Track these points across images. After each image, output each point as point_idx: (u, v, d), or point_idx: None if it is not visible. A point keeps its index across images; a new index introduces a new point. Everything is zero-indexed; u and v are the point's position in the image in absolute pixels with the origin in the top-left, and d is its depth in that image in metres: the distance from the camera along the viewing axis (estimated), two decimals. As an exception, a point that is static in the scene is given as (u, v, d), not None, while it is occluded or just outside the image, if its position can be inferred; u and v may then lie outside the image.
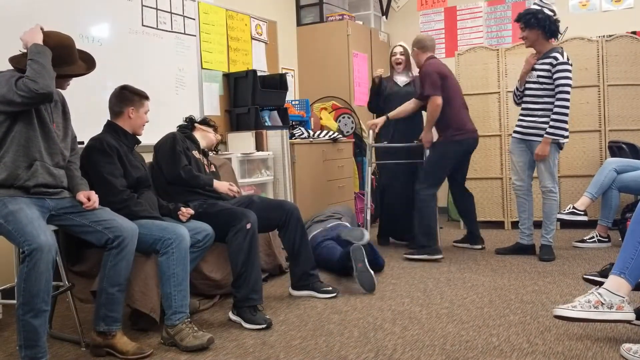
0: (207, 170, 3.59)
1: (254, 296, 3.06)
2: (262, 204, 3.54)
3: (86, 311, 3.14)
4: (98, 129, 3.11)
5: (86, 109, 3.68)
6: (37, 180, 2.53)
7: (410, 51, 4.86)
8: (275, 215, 3.49)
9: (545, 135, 4.15)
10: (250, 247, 3.09)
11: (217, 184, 3.46)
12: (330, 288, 3.54)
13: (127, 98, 3.10)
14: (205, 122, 3.79)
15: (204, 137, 3.71)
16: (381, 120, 4.78)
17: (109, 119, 3.13)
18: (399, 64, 4.96)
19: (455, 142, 4.46)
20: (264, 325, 2.96)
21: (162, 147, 3.44)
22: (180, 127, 3.67)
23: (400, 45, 4.99)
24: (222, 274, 3.50)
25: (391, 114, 4.76)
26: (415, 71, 4.92)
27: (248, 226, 3.11)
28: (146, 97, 3.18)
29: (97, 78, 3.98)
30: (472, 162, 5.83)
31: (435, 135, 4.58)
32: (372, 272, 3.56)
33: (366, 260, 3.58)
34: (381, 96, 5.00)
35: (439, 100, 4.34)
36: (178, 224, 3.01)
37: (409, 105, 4.75)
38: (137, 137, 3.16)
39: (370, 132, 4.85)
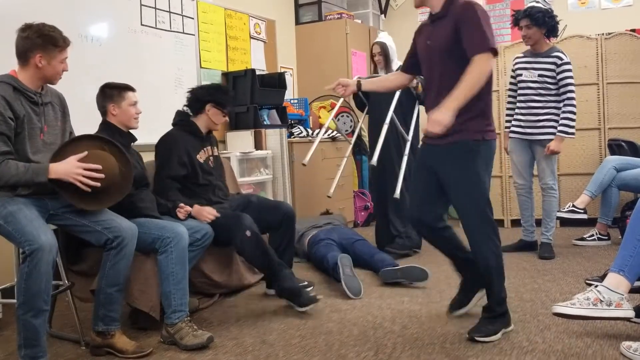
0: (212, 165, 3.50)
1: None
2: (259, 206, 3.56)
3: (86, 310, 3.14)
4: (93, 126, 3.08)
5: (84, 109, 3.66)
6: (34, 188, 2.52)
7: (388, 47, 4.64)
8: (272, 217, 3.53)
9: (557, 133, 4.16)
10: (261, 248, 3.18)
11: (195, 211, 3.25)
12: (306, 282, 3.59)
13: (106, 95, 3.06)
14: (221, 103, 3.45)
15: (214, 120, 3.47)
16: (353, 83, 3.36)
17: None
18: (379, 62, 4.74)
19: (493, 142, 2.76)
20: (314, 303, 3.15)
21: (158, 155, 3.39)
22: (180, 120, 3.48)
23: (377, 44, 4.70)
24: (222, 274, 3.50)
25: (365, 85, 3.31)
26: (397, 65, 4.60)
27: (248, 234, 3.14)
28: (126, 89, 3.08)
29: (96, 77, 3.99)
30: (471, 160, 5.86)
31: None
32: (358, 278, 3.57)
33: (352, 267, 3.64)
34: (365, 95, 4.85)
35: (492, 61, 2.57)
36: (176, 222, 3.00)
37: (390, 79, 3.31)
38: (133, 134, 3.12)
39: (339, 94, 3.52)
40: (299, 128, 5.57)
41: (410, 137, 4.39)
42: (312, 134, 5.59)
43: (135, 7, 4.41)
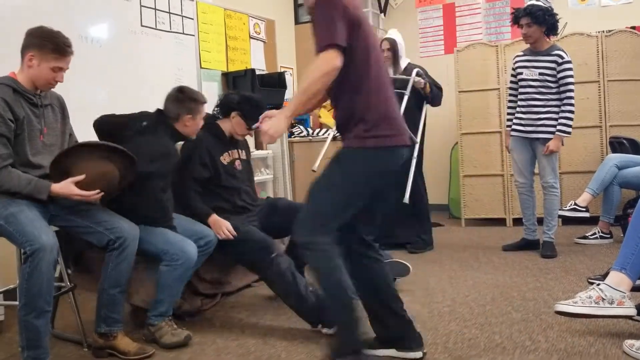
0: (238, 168, 3.38)
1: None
2: (286, 209, 3.42)
3: (88, 312, 3.14)
4: (91, 127, 3.07)
5: (84, 110, 3.66)
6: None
7: (397, 44, 4.63)
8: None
9: (557, 133, 4.18)
10: (292, 274, 2.96)
11: (212, 221, 3.17)
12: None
13: (183, 104, 2.99)
14: (246, 116, 3.30)
15: (237, 130, 3.36)
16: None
17: (161, 110, 3.03)
18: (387, 59, 4.65)
19: (375, 151, 2.29)
20: None
21: (181, 155, 3.27)
22: (206, 123, 3.30)
23: (387, 41, 4.69)
24: (222, 273, 3.49)
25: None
26: (405, 62, 4.67)
27: (273, 255, 3.00)
28: (203, 103, 3.07)
29: (96, 79, 4.00)
30: (472, 158, 5.87)
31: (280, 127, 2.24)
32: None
33: None
34: None
35: (336, 58, 2.15)
36: (186, 239, 2.88)
37: None
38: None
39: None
40: (299, 128, 5.57)
41: (418, 139, 4.42)
42: (313, 133, 5.59)
43: (135, 8, 4.41)
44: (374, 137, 2.26)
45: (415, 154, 4.34)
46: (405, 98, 4.23)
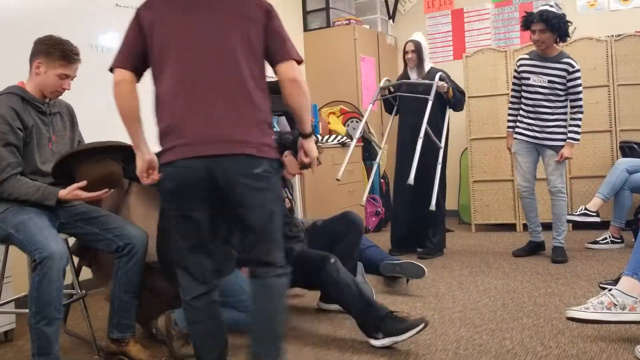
0: (287, 206, 3.21)
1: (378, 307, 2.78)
2: (327, 226, 3.40)
3: (99, 319, 3.16)
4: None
5: (94, 118, 3.68)
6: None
7: (422, 46, 4.68)
8: (339, 228, 3.34)
9: (568, 140, 4.19)
10: (345, 276, 2.87)
11: None
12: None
13: None
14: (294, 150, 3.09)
15: (289, 169, 3.23)
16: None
17: None
18: (411, 61, 4.74)
19: (161, 169, 2.12)
20: (422, 325, 2.61)
21: None
22: None
23: (412, 43, 4.72)
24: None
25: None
26: (428, 66, 4.72)
27: (332, 260, 2.90)
28: None
29: (107, 87, 4.01)
30: (481, 164, 5.86)
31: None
32: (369, 284, 3.50)
33: (364, 274, 3.54)
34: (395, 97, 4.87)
35: (116, 75, 2.36)
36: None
37: None
38: None
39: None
40: (308, 134, 5.57)
41: (442, 144, 4.43)
42: (322, 140, 5.59)
43: (145, 16, 4.43)
44: (164, 150, 2.09)
45: (440, 159, 4.36)
46: (429, 104, 4.25)
